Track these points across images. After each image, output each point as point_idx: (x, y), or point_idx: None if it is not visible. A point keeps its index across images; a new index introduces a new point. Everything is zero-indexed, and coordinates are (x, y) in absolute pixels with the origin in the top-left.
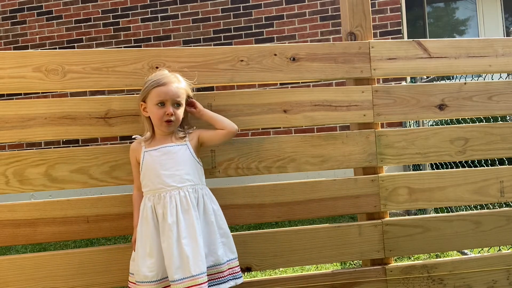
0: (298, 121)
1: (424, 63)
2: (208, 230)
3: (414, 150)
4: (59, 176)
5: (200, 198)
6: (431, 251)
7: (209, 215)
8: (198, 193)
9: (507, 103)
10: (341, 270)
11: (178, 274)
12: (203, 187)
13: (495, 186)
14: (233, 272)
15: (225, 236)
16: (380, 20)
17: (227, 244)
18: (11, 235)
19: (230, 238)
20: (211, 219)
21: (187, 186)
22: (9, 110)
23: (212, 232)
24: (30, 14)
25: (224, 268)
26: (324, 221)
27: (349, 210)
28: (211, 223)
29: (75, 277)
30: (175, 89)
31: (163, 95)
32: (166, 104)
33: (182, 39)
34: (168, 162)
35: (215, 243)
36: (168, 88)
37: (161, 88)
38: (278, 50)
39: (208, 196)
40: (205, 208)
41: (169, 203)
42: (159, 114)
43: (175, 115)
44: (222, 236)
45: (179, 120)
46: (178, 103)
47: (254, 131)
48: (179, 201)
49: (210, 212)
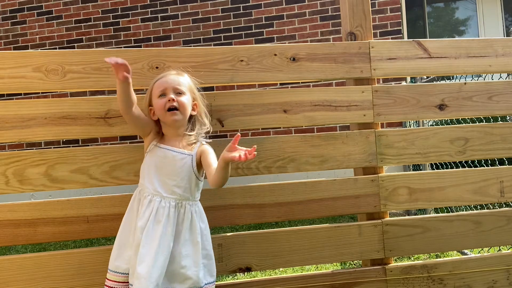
0: (298, 121)
1: (424, 63)
2: (193, 250)
3: (414, 150)
4: (59, 176)
5: (188, 214)
6: (431, 251)
7: (196, 234)
8: (186, 209)
9: (507, 103)
10: (341, 270)
11: (131, 279)
12: (194, 204)
13: (495, 186)
14: None
15: (207, 257)
16: (380, 20)
17: (207, 266)
18: (11, 235)
19: (212, 261)
20: (197, 239)
21: (171, 199)
22: (9, 110)
23: (197, 253)
24: (30, 14)
25: None
26: (324, 221)
27: (349, 210)
28: (196, 243)
29: (75, 277)
30: (174, 78)
31: (163, 84)
32: (167, 93)
33: (182, 39)
34: (164, 167)
35: (197, 264)
36: (167, 77)
37: (161, 79)
38: (278, 50)
39: (198, 213)
40: (192, 226)
41: (146, 206)
42: (161, 104)
43: (178, 102)
44: (205, 257)
45: (185, 108)
46: (180, 91)
47: (254, 131)
48: (156, 209)
49: (197, 232)
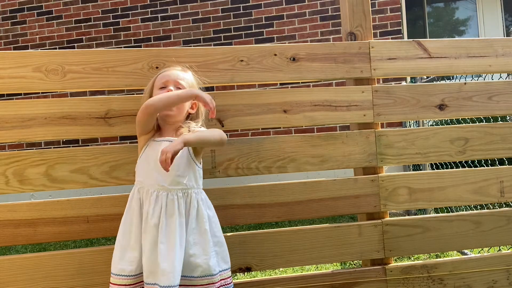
0: (298, 121)
1: (424, 63)
2: (201, 239)
3: (414, 150)
4: (59, 176)
5: (194, 203)
6: (431, 251)
7: (203, 222)
8: (192, 198)
9: (507, 103)
10: (341, 270)
11: (150, 278)
12: (199, 192)
13: (495, 186)
14: (225, 283)
15: (218, 245)
16: (380, 20)
17: (220, 253)
18: (11, 235)
19: (224, 247)
20: (205, 226)
21: (177, 190)
22: (9, 110)
23: (206, 240)
24: (30, 14)
25: (216, 279)
26: (324, 221)
27: (349, 210)
28: (204, 231)
29: (75, 277)
30: (177, 73)
31: (165, 77)
32: (168, 85)
33: (182, 39)
34: None
35: (208, 252)
36: (171, 71)
37: (164, 72)
38: (278, 50)
39: (204, 201)
40: (199, 214)
41: (154, 202)
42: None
43: None
44: (216, 244)
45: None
46: (180, 86)
47: (254, 131)
48: (165, 203)
49: (204, 220)
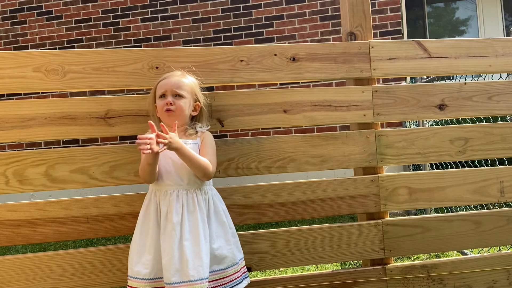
0: (298, 121)
1: (424, 63)
2: (222, 230)
3: (414, 150)
4: (59, 176)
5: (210, 199)
6: (431, 251)
7: (221, 215)
8: (208, 194)
9: (507, 103)
10: (341, 270)
11: (176, 277)
12: (212, 188)
13: (495, 186)
14: (245, 271)
15: (234, 235)
16: (380, 20)
17: (235, 243)
18: (11, 235)
19: (237, 238)
20: (223, 219)
21: (195, 187)
22: (9, 110)
23: (226, 232)
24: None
25: (239, 267)
26: (324, 221)
27: (349, 210)
28: (223, 223)
29: (75, 277)
30: (175, 81)
31: (163, 86)
32: (167, 95)
33: (182, 39)
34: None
35: (230, 243)
36: (169, 80)
37: (163, 81)
38: (278, 50)
39: (217, 197)
40: (216, 209)
41: (175, 201)
42: (161, 105)
43: (175, 105)
44: (233, 236)
45: (181, 110)
46: (178, 94)
47: (254, 131)
48: (186, 201)
49: (221, 213)
